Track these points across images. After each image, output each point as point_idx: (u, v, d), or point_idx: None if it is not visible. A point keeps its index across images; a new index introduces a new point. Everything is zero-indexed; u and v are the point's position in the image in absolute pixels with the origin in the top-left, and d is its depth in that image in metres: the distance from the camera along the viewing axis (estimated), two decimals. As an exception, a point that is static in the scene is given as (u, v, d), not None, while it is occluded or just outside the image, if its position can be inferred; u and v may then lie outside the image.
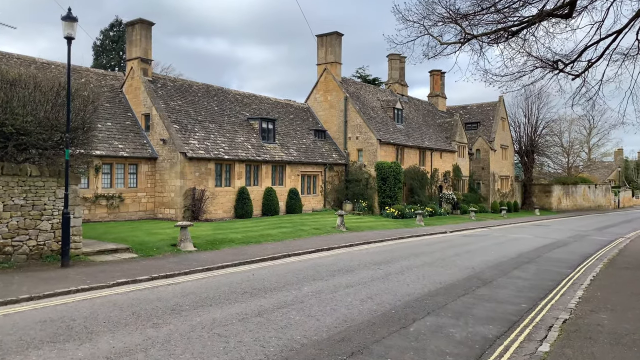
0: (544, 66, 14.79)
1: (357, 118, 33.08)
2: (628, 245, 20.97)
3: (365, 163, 32.79)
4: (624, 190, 75.37)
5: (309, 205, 29.88)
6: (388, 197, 31.95)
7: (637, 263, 15.75)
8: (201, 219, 22.89)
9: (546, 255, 17.38)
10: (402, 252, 16.74)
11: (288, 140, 29.70)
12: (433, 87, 48.55)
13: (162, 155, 23.17)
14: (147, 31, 24.47)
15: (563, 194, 55.13)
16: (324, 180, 31.18)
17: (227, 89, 29.69)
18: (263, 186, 26.54)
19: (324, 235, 20.32)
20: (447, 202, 38.70)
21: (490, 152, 44.47)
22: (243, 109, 28.88)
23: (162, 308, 8.54)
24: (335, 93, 34.16)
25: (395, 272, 12.74)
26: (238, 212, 24.75)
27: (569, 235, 25.38)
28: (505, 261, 15.44)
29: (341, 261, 14.36)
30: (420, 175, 35.89)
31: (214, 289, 10.14)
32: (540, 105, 51.49)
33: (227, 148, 24.80)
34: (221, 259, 13.68)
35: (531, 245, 20.18)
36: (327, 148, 32.57)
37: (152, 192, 23.39)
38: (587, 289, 11.14)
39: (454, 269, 13.50)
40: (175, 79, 27.47)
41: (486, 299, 10.02)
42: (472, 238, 22.49)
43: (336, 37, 34.01)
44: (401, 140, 34.95)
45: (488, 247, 19.15)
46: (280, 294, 9.77)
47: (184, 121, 24.19)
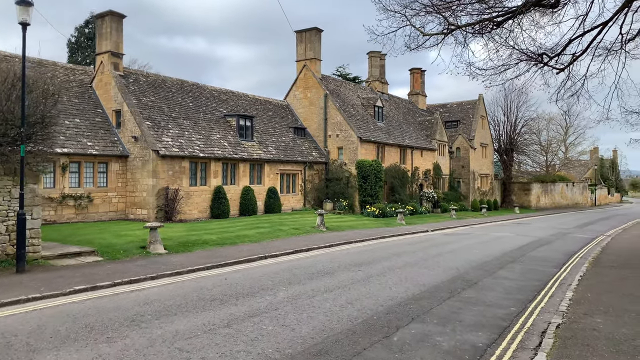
0: (529, 59, 14.35)
1: (337, 115, 32.44)
2: (610, 243, 20.78)
3: (345, 161, 32.17)
4: (600, 188, 76.49)
5: (288, 205, 29.13)
6: (369, 195, 31.40)
7: (622, 261, 15.44)
8: (175, 219, 21.94)
9: (530, 254, 16.99)
10: (383, 253, 16.14)
11: (267, 138, 28.89)
12: (413, 85, 48.24)
13: (134, 153, 22.14)
14: (118, 24, 23.38)
15: (542, 192, 55.48)
16: (303, 179, 30.46)
17: (203, 85, 28.72)
18: (240, 185, 25.69)
19: (304, 236, 19.61)
20: (428, 201, 38.36)
21: (470, 150, 44.34)
22: (220, 106, 27.96)
23: (120, 319, 7.72)
24: (315, 90, 33.45)
25: (376, 274, 12.11)
26: (214, 212, 23.85)
27: (550, 233, 25.17)
28: (489, 261, 14.96)
29: (320, 263, 13.68)
30: (401, 173, 35.44)
31: (181, 296, 9.34)
32: (519, 104, 51.69)
33: (203, 146, 23.88)
34: (193, 262, 12.85)
35: (514, 243, 19.82)
36: (307, 146, 31.86)
37: (124, 192, 22.34)
38: (576, 289, 10.67)
39: (437, 270, 12.94)
40: (148, 74, 26.40)
41: (473, 302, 9.44)
42: (454, 237, 22.06)
43: (316, 33, 33.31)
44: (382, 138, 34.45)
45: (471, 246, 18.70)
46: (254, 301, 9.03)
47: (157, 118, 23.20)
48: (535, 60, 14.39)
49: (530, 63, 14.50)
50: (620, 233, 26.24)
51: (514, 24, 13.03)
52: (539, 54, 14.15)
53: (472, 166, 44.79)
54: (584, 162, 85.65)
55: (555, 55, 14.06)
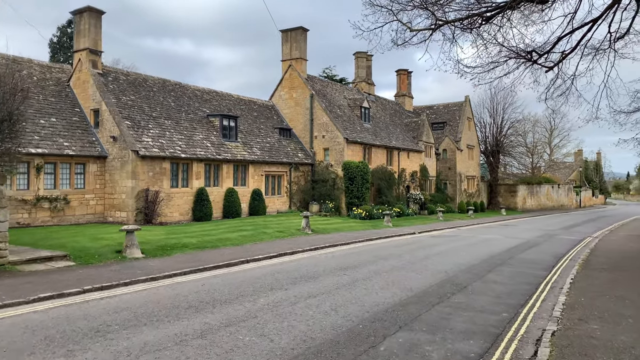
0: (518, 57, 14.03)
1: (323, 116, 31.98)
2: (598, 245, 20.58)
3: (332, 163, 31.71)
4: (584, 190, 77.11)
5: (273, 207, 28.56)
6: (355, 197, 30.97)
7: (612, 263, 15.18)
8: (155, 222, 21.26)
9: (519, 256, 16.67)
10: (369, 256, 15.67)
11: (251, 139, 28.31)
12: (400, 86, 48.02)
13: (113, 154, 21.42)
14: (97, 20, 22.64)
15: (528, 193, 55.61)
16: (289, 181, 29.93)
17: (186, 84, 28.06)
18: (224, 187, 25.06)
19: (288, 239, 19.08)
20: (415, 203, 38.08)
21: (456, 152, 44.21)
22: (203, 106, 27.31)
23: (85, 329, 7.12)
24: (300, 90, 32.96)
25: (362, 278, 11.63)
26: (196, 215, 23.20)
27: (537, 235, 24.96)
28: (478, 264, 14.58)
29: (304, 267, 13.16)
30: (388, 175, 35.10)
31: (154, 303, 8.76)
32: (505, 106, 51.75)
33: (185, 146, 23.23)
34: (170, 267, 12.25)
35: (502, 246, 19.51)
36: (292, 147, 31.34)
37: (102, 194, 21.59)
38: (569, 293, 10.30)
39: (425, 273, 12.50)
40: (128, 72, 25.66)
41: (463, 308, 9.01)
42: (441, 239, 21.70)
43: (301, 33, 32.85)
44: (368, 139, 34.07)
45: (459, 248, 18.33)
46: (231, 308, 8.48)
47: (137, 117, 22.49)
48: (525, 58, 14.08)
49: (520, 61, 14.19)
50: (607, 235, 26.14)
51: (503, 20, 12.68)
52: (528, 52, 13.84)
53: (459, 168, 44.66)
54: (568, 164, 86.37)
55: (545, 52, 13.75)
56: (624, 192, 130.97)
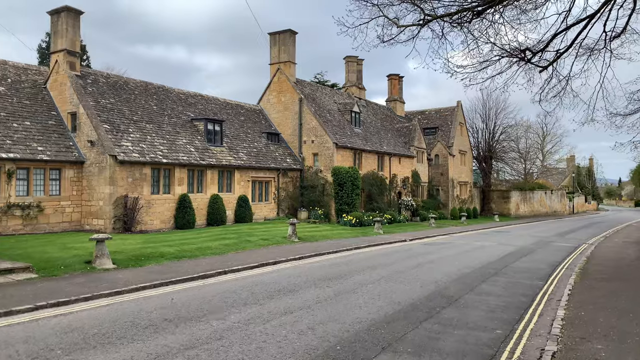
0: (511, 56, 13.35)
1: (312, 121, 31.24)
2: (594, 252, 19.91)
3: (321, 168, 30.93)
4: (577, 195, 76.83)
5: (260, 214, 27.69)
6: (345, 204, 30.18)
7: (611, 272, 14.47)
8: (135, 230, 20.34)
9: (513, 265, 15.92)
10: (357, 265, 14.86)
11: (237, 144, 27.47)
12: (391, 91, 47.43)
13: (90, 159, 20.51)
14: (75, 20, 21.80)
15: (521, 199, 55.10)
16: (277, 187, 29.10)
17: (169, 88, 27.21)
18: (208, 193, 24.18)
19: (273, 247, 18.22)
20: (406, 209, 37.35)
21: (449, 157, 43.59)
22: (187, 109, 26.47)
23: (22, 355, 6.24)
24: (289, 94, 32.22)
25: (347, 290, 10.81)
26: (178, 223, 22.29)
27: (532, 242, 24.27)
28: (470, 273, 13.81)
29: (286, 278, 12.32)
30: (379, 181, 34.37)
31: (111, 322, 7.89)
32: (497, 111, 51.33)
33: (166, 151, 22.36)
34: (140, 279, 11.37)
35: (495, 253, 18.77)
36: (280, 152, 30.54)
37: (79, 201, 20.65)
38: (567, 307, 9.54)
39: (414, 285, 11.70)
40: (109, 74, 24.79)
41: (454, 325, 8.21)
42: (433, 247, 20.94)
43: (290, 35, 32.16)
44: (359, 144, 33.35)
45: (451, 256, 17.57)
46: (196, 327, 7.62)
47: (117, 121, 21.61)
48: (518, 57, 13.40)
49: (512, 60, 13.51)
50: (602, 241, 25.52)
51: (495, 15, 12.00)
52: (522, 50, 13.16)
53: (451, 174, 44.02)
54: (561, 170, 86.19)
55: (539, 51, 13.08)
56: (616, 198, 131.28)
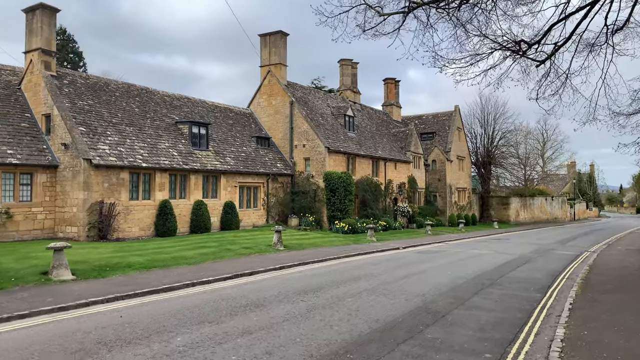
0: (505, 48, 12.34)
1: (303, 124, 30.22)
2: (597, 261, 18.79)
3: (313, 173, 29.87)
4: (578, 202, 75.68)
5: (248, 221, 26.59)
6: (338, 210, 29.09)
7: (615, 283, 13.36)
8: (111, 238, 19.26)
9: (510, 274, 14.81)
10: (341, 276, 13.76)
11: (225, 148, 26.43)
12: (387, 95, 46.46)
13: (64, 163, 19.47)
14: (51, 18, 20.86)
15: (521, 206, 53.97)
16: (266, 193, 28.01)
17: (154, 89, 26.22)
18: (192, 199, 23.10)
19: (255, 256, 17.13)
20: (403, 216, 36.24)
21: (446, 163, 42.52)
22: (171, 112, 25.46)
23: None
24: (280, 97, 31.24)
25: (322, 305, 9.71)
26: (159, 230, 21.19)
27: (531, 249, 23.16)
28: (462, 284, 12.71)
29: (258, 291, 11.22)
30: (374, 186, 33.28)
31: (40, 344, 6.79)
32: (496, 116, 50.36)
33: (147, 155, 21.32)
34: (95, 292, 10.27)
35: (492, 262, 17.65)
36: (271, 157, 29.49)
37: (52, 207, 19.59)
38: (568, 324, 8.44)
39: (399, 298, 10.60)
40: (88, 75, 23.82)
41: (436, 347, 7.11)
42: (426, 255, 19.83)
43: (281, 37, 31.22)
44: (352, 149, 32.31)
45: (444, 266, 16.46)
46: (132, 352, 6.52)
47: (94, 123, 20.60)
48: (512, 50, 12.39)
49: (506, 53, 12.50)
50: (604, 249, 24.40)
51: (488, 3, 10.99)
52: (517, 42, 12.15)
53: (449, 179, 42.94)
54: (562, 176, 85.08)
55: (535, 43, 12.07)
56: (617, 204, 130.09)
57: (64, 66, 37.13)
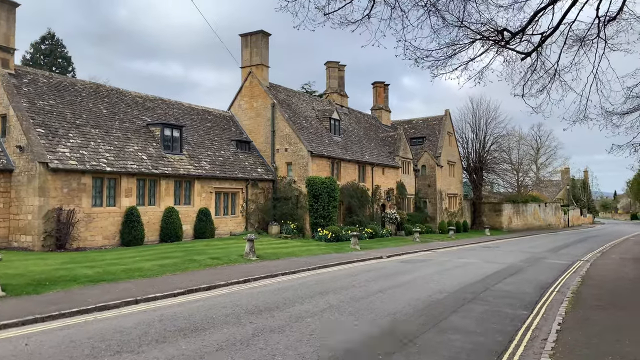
0: (486, 38, 11.16)
1: (285, 127, 28.99)
2: (590, 271, 17.58)
3: (295, 178, 28.60)
4: (572, 208, 74.72)
5: (225, 228, 25.25)
6: (321, 217, 27.80)
7: (610, 297, 12.13)
8: (70, 247, 17.89)
9: (496, 287, 13.56)
10: (309, 290, 12.47)
11: (200, 151, 25.13)
12: (376, 99, 45.36)
13: (19, 167, 18.12)
14: (10, 13, 19.57)
15: (514, 212, 52.86)
16: (245, 199, 26.70)
17: (125, 90, 24.91)
18: (162, 206, 21.76)
19: (222, 267, 15.81)
20: (391, 223, 35.00)
21: (436, 168, 41.35)
22: (143, 114, 24.16)
23: None
24: (261, 100, 30.01)
25: (273, 327, 8.41)
26: (125, 238, 19.83)
27: (521, 258, 21.94)
28: (442, 299, 11.44)
29: (206, 309, 9.91)
30: (360, 192, 32.03)
31: None
32: (488, 120, 49.33)
33: (113, 158, 20.00)
34: (16, 313, 8.92)
35: (478, 273, 16.40)
36: (251, 161, 28.21)
37: (6, 214, 18.21)
38: (554, 351, 7.20)
39: (365, 318, 9.32)
40: (51, 74, 22.51)
41: (393, 385, 5.83)
42: (410, 265, 18.57)
43: (262, 37, 30.05)
44: (338, 153, 31.09)
45: (426, 277, 15.19)
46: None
47: (55, 125, 19.28)
48: (494, 40, 11.22)
49: (488, 43, 11.32)
50: (599, 257, 23.21)
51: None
52: (499, 31, 10.97)
53: (439, 185, 41.74)
54: (555, 182, 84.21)
55: (519, 31, 10.89)
56: (611, 211, 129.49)
57: (52, 71, 35.90)
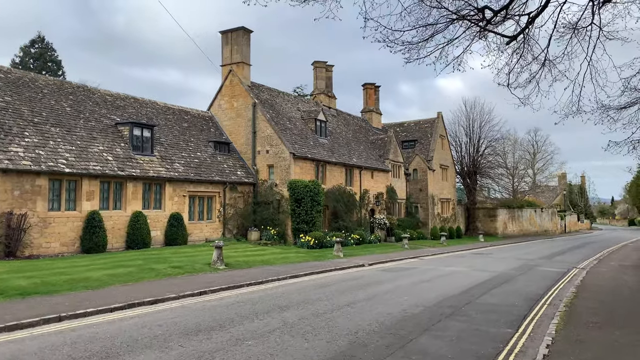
0: (465, 17, 9.83)
1: (267, 128, 27.63)
2: (586, 280, 16.19)
3: (277, 182, 27.21)
4: (569, 214, 73.43)
5: (200, 235, 23.81)
6: (304, 222, 26.37)
7: (607, 312, 10.75)
8: (21, 255, 16.45)
9: (480, 299, 12.17)
10: (269, 303, 11.06)
11: (174, 153, 23.73)
12: (367, 101, 44.06)
13: (-33, 168, 16.70)
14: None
15: (509, 218, 51.47)
16: (223, 203, 25.27)
17: (93, 88, 23.56)
18: (129, 210, 20.33)
19: (184, 277, 14.40)
20: (380, 228, 33.58)
21: (428, 172, 39.99)
22: (112, 113, 22.78)
23: None
24: (242, 99, 28.68)
25: (201, 354, 7.00)
26: (85, 245, 18.38)
27: (513, 266, 20.56)
28: (416, 314, 10.05)
29: (139, 329, 8.49)
30: (347, 196, 30.64)
31: None
32: (482, 123, 48.08)
33: (74, 159, 18.59)
34: None
35: (464, 283, 15.00)
36: (230, 164, 26.81)
37: (-47, 219, 16.76)
38: (538, 387, 5.79)
39: (319, 339, 7.92)
40: (9, 69, 21.12)
41: None
42: (391, 274, 17.16)
43: (243, 34, 28.76)
44: (323, 155, 29.72)
45: (405, 287, 13.79)
46: None
47: (9, 122, 17.87)
48: (474, 20, 9.89)
49: (466, 24, 9.99)
50: (596, 265, 21.84)
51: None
52: (479, 9, 9.64)
53: (431, 189, 40.36)
54: (552, 188, 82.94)
55: (503, 8, 9.56)
56: (609, 217, 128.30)
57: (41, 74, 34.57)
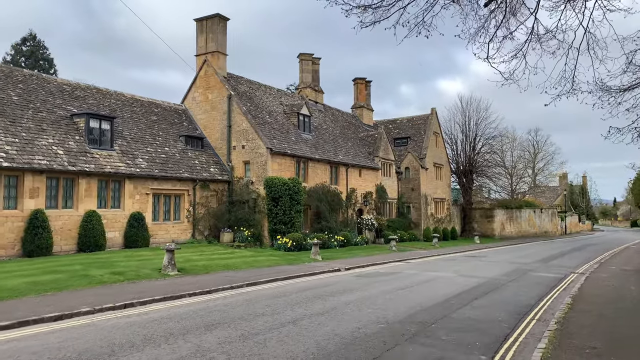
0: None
1: (243, 122, 25.78)
2: (584, 288, 14.29)
3: (253, 179, 25.35)
4: (570, 215, 71.41)
5: (166, 236, 21.93)
6: (282, 223, 24.51)
7: (608, 332, 8.85)
8: (-53, 259, 14.61)
9: (458, 312, 10.28)
10: (198, 320, 9.19)
11: (138, 147, 21.89)
12: (357, 97, 42.19)
13: None
14: None
15: (507, 219, 49.53)
16: (192, 202, 23.41)
17: (48, 77, 21.77)
18: (81, 209, 18.48)
19: (120, 285, 12.56)
20: (368, 229, 31.71)
21: (421, 170, 38.08)
22: (69, 103, 20.94)
23: None
24: (217, 91, 26.83)
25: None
26: (27, 248, 16.53)
27: (506, 270, 18.67)
28: (372, 334, 8.17)
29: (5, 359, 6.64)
30: (331, 195, 28.76)
31: None
32: (478, 120, 46.20)
33: (15, 152, 16.76)
34: None
35: (445, 291, 13.12)
36: (203, 160, 24.96)
37: None
38: None
39: (229, 374, 6.04)
40: (-51, 54, 19.36)
41: None
42: (366, 279, 15.30)
43: (219, 22, 26.92)
44: (305, 152, 27.85)
45: (374, 297, 11.91)
46: None
47: (-60, 111, 16.08)
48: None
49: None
50: (596, 269, 19.90)
51: None
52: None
53: (424, 189, 38.44)
54: (553, 188, 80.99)
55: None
56: (611, 218, 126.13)
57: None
